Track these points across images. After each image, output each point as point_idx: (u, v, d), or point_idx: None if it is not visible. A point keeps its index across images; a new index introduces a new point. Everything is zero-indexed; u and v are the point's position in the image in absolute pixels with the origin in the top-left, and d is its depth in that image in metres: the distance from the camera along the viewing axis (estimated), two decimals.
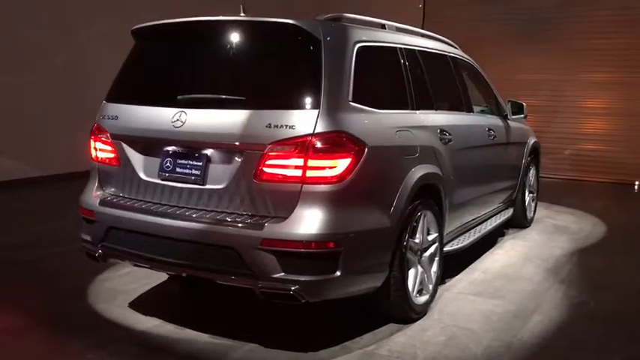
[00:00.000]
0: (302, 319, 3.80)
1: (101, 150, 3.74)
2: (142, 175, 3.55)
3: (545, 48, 10.02)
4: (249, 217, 3.19)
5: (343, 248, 3.12)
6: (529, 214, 6.53)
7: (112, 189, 3.72)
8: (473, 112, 5.13)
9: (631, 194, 9.42)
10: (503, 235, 6.08)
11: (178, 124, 3.35)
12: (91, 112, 4.00)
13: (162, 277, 4.41)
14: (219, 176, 3.29)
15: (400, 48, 4.05)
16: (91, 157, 3.84)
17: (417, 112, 4.00)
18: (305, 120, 3.09)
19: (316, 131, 3.07)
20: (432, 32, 5.01)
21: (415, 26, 4.77)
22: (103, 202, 3.63)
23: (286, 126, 3.09)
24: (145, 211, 3.43)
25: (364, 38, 3.61)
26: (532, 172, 6.52)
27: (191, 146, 3.38)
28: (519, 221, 6.31)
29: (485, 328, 3.74)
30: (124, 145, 3.61)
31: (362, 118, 3.35)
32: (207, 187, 3.32)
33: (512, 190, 5.92)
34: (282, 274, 3.07)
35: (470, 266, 5.01)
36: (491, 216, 5.51)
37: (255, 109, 3.18)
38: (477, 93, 5.56)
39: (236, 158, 3.24)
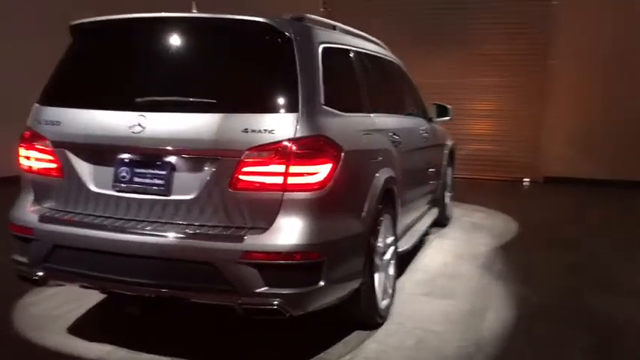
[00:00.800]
0: (271, 334, 3.60)
1: (37, 159, 3.32)
2: (92, 187, 3.19)
3: (443, 54, 10.47)
4: (224, 229, 2.96)
5: (326, 257, 2.99)
6: (448, 213, 6.75)
7: (53, 203, 3.31)
8: (407, 115, 5.20)
9: (522, 190, 10.09)
10: (427, 234, 6.21)
11: (138, 129, 3.04)
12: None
13: (96, 297, 4.01)
14: (187, 186, 3.03)
15: (352, 50, 3.99)
16: (22, 168, 3.41)
17: (372, 115, 3.96)
18: (284, 124, 2.92)
19: (297, 135, 2.92)
20: None
21: None
22: (44, 218, 3.21)
23: (265, 130, 2.90)
24: (99, 226, 3.09)
25: (326, 39, 3.50)
26: (450, 172, 6.75)
27: (152, 154, 3.08)
28: (440, 220, 6.50)
29: (449, 328, 3.77)
30: (69, 154, 3.22)
31: (335, 121, 3.24)
32: (173, 197, 3.05)
33: (437, 189, 6.07)
34: (265, 288, 2.88)
35: (409, 267, 5.05)
36: (423, 216, 5.62)
37: (229, 113, 2.96)
38: (407, 96, 5.62)
39: (207, 166, 3.00)
